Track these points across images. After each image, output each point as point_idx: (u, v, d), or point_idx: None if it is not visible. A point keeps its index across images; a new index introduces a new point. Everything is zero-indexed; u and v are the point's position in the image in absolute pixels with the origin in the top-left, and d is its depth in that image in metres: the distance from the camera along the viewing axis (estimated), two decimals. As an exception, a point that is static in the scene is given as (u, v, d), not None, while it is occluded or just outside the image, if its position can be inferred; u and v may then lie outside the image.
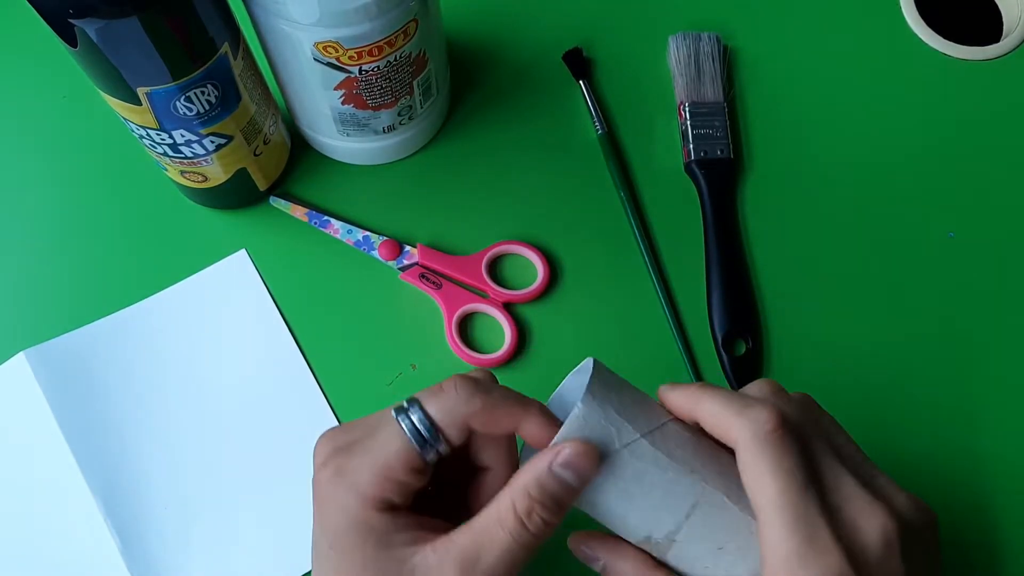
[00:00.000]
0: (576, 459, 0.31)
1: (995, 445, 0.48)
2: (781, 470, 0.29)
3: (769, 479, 0.29)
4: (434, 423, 0.32)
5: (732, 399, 0.32)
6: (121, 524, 0.46)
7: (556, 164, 0.55)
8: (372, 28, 0.42)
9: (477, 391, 0.32)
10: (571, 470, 0.31)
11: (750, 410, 0.31)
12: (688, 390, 0.33)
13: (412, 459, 0.31)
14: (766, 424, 0.30)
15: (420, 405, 0.32)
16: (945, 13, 0.60)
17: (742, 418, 0.30)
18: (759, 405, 0.31)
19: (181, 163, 0.47)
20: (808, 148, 0.56)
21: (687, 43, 0.56)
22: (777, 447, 0.30)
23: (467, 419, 0.32)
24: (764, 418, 0.30)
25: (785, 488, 0.29)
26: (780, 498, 0.29)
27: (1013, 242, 0.53)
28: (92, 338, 0.50)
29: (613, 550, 0.34)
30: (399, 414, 0.32)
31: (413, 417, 0.32)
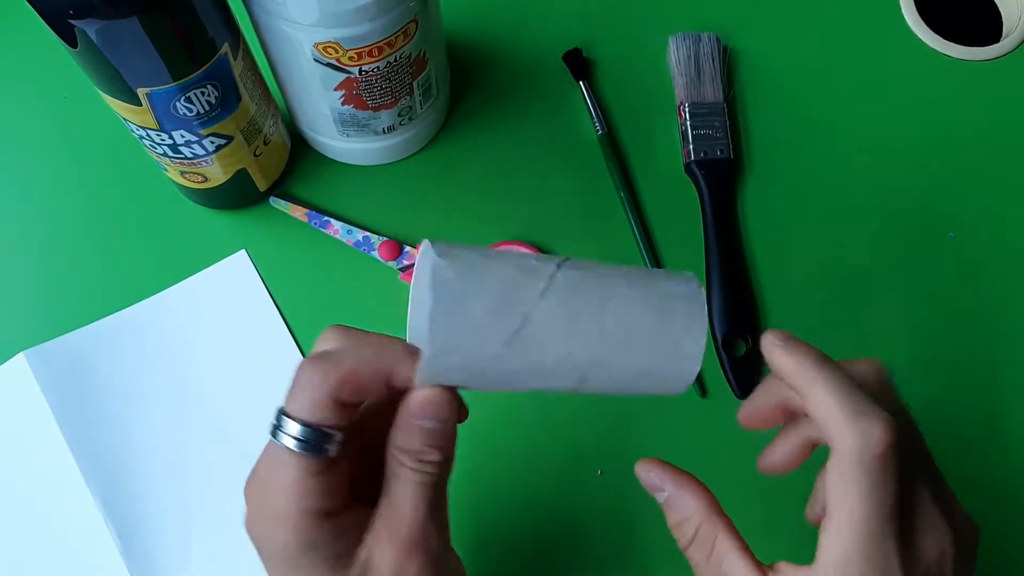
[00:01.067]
0: (424, 409, 0.30)
1: (996, 445, 0.48)
2: (875, 497, 0.28)
3: (858, 500, 0.28)
4: (308, 423, 0.30)
5: (849, 398, 0.29)
6: (121, 524, 0.46)
7: (556, 164, 0.55)
8: (372, 29, 0.42)
9: (327, 367, 0.30)
10: (427, 419, 0.30)
11: (865, 421, 0.28)
12: (804, 363, 0.30)
13: (312, 464, 0.30)
14: (878, 445, 0.28)
15: (285, 413, 0.30)
16: (945, 13, 0.60)
17: (855, 428, 0.28)
18: (875, 417, 0.28)
19: (181, 163, 0.47)
20: (808, 148, 0.56)
21: (687, 43, 0.56)
22: (881, 473, 0.28)
23: (334, 399, 0.29)
24: (878, 437, 0.28)
25: (873, 515, 0.28)
26: (861, 519, 0.28)
27: (1013, 242, 0.53)
28: (92, 338, 0.50)
29: (679, 483, 0.33)
30: (275, 435, 0.30)
31: (287, 429, 0.30)
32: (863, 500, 0.28)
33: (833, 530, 0.28)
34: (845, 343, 0.51)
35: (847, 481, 0.28)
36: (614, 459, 0.47)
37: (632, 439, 0.48)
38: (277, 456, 0.30)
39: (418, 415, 0.30)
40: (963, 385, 0.50)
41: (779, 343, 0.32)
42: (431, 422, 0.30)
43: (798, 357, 0.31)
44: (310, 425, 0.30)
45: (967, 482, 0.48)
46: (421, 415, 0.30)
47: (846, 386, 0.29)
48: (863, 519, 0.28)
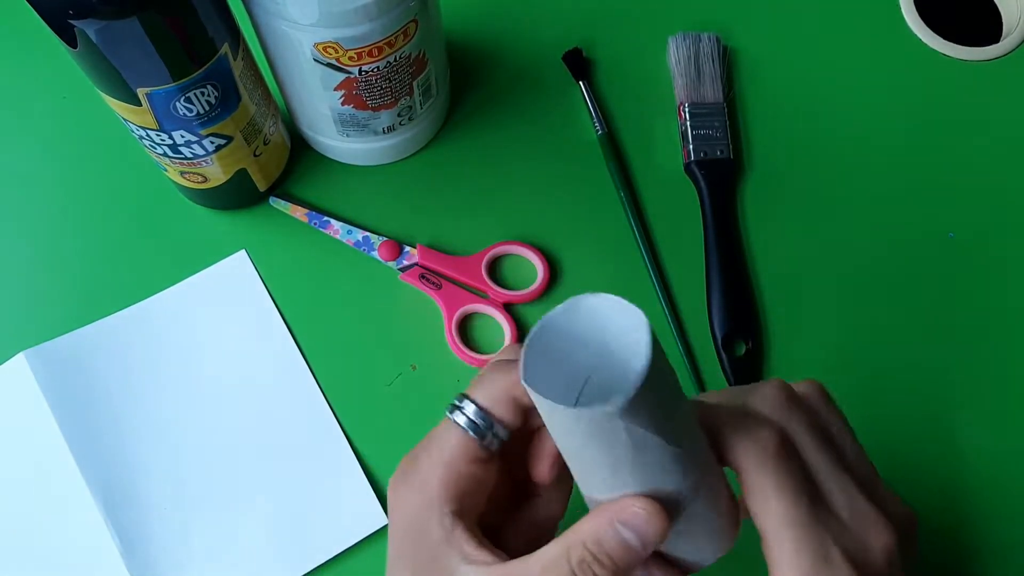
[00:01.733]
0: (640, 519, 0.27)
1: (996, 445, 0.48)
2: (787, 490, 0.29)
3: (775, 501, 0.29)
4: (484, 408, 0.32)
5: (733, 419, 0.30)
6: (121, 524, 0.46)
7: (556, 164, 0.55)
8: (372, 29, 0.42)
9: (512, 367, 0.32)
10: (634, 531, 0.28)
11: (752, 432, 0.29)
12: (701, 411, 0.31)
13: (472, 449, 0.32)
14: (768, 447, 0.29)
15: (467, 396, 0.33)
16: (945, 13, 0.60)
17: (745, 441, 0.29)
18: (760, 426, 0.29)
19: (181, 164, 0.47)
20: (808, 148, 0.56)
21: (687, 43, 0.56)
22: (780, 469, 0.29)
23: (512, 395, 0.32)
24: (765, 440, 0.29)
25: (792, 507, 0.28)
26: (787, 517, 0.28)
27: (1013, 242, 0.53)
28: (92, 338, 0.50)
29: None
30: (451, 412, 0.33)
31: (465, 409, 0.32)
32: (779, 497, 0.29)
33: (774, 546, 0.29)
34: (845, 343, 0.51)
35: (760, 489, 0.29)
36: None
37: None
38: (446, 426, 0.32)
39: (627, 521, 0.28)
40: (963, 385, 0.50)
41: None
42: (635, 537, 0.28)
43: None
44: (484, 410, 0.32)
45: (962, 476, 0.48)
46: (629, 523, 0.28)
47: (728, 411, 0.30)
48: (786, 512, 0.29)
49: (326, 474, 0.47)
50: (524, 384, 0.26)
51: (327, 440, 0.48)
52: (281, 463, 0.48)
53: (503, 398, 0.32)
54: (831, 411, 0.32)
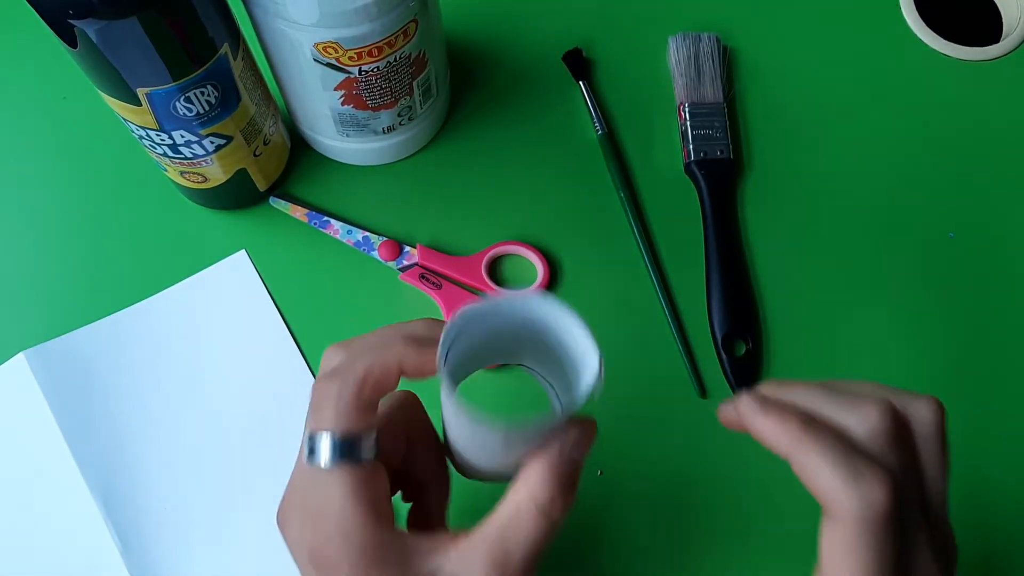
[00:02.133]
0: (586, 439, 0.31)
1: (996, 445, 0.48)
2: (877, 562, 0.27)
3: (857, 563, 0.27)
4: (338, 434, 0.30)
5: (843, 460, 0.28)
6: (121, 524, 0.46)
7: (556, 164, 0.55)
8: (372, 29, 0.42)
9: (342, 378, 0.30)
10: (582, 447, 0.31)
11: (864, 483, 0.27)
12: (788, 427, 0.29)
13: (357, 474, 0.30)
14: (879, 507, 0.27)
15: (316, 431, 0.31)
16: (945, 13, 0.60)
17: (853, 493, 0.27)
18: (874, 477, 0.27)
19: (181, 164, 0.47)
20: (808, 148, 0.56)
21: (687, 43, 0.56)
22: (882, 536, 0.27)
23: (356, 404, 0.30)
24: (878, 499, 0.27)
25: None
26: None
27: (1013, 242, 0.53)
28: (92, 338, 0.50)
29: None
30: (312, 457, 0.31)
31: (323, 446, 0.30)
32: (864, 566, 0.27)
33: None
34: (845, 343, 0.51)
35: (847, 545, 0.27)
36: (614, 459, 0.47)
37: (631, 440, 0.48)
38: (319, 481, 0.30)
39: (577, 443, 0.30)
40: (963, 385, 0.50)
41: (757, 407, 0.30)
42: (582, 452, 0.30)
43: (781, 422, 0.29)
44: (340, 436, 0.30)
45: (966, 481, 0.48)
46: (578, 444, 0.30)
47: (838, 448, 0.28)
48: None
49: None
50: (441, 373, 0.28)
51: (327, 440, 0.48)
52: (281, 463, 0.48)
53: (346, 410, 0.30)
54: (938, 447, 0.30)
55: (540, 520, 0.30)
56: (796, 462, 0.29)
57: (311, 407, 0.31)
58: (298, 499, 0.32)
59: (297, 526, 0.31)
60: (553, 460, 0.30)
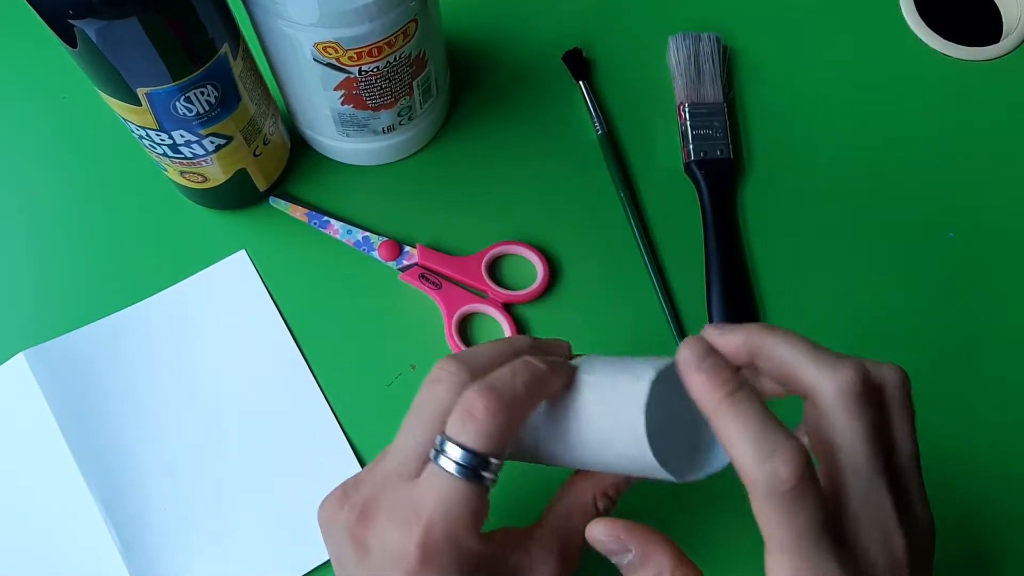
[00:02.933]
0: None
1: (996, 445, 0.48)
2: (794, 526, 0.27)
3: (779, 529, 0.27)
4: (477, 453, 0.31)
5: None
6: (121, 524, 0.46)
7: (556, 164, 0.55)
8: (372, 29, 0.42)
9: (504, 403, 0.31)
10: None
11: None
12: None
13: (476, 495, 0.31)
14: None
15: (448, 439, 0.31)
16: (945, 13, 0.60)
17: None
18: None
19: (181, 163, 0.47)
20: (808, 148, 0.56)
21: (687, 43, 0.56)
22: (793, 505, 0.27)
23: (509, 430, 0.31)
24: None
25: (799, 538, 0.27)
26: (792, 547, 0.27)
27: (1013, 242, 0.53)
28: (92, 338, 0.50)
29: (646, 541, 0.32)
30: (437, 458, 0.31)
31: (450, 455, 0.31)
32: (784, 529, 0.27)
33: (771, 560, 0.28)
34: (844, 343, 0.50)
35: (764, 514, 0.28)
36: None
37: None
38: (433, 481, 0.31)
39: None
40: (963, 385, 0.50)
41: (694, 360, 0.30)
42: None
43: (710, 382, 0.29)
44: (478, 453, 0.30)
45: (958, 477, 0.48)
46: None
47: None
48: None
49: (326, 474, 0.47)
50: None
51: (327, 440, 0.48)
52: (281, 463, 0.48)
53: (498, 438, 0.30)
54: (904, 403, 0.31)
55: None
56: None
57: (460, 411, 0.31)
58: (389, 496, 0.32)
59: (393, 525, 0.31)
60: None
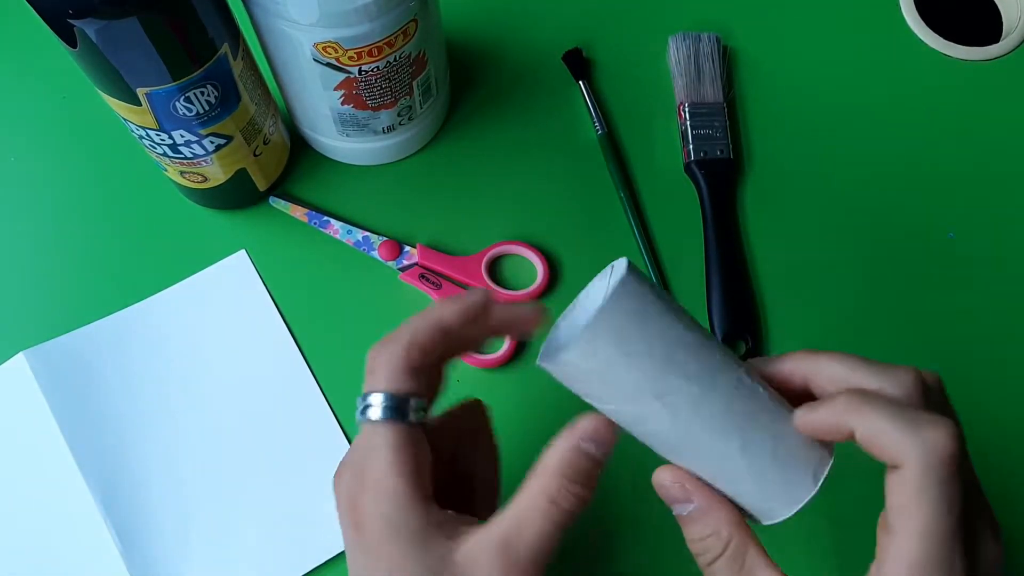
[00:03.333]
0: (600, 432, 0.32)
1: (995, 444, 0.48)
2: (945, 502, 0.28)
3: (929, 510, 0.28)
4: (388, 392, 0.32)
5: (902, 412, 0.29)
6: (121, 524, 0.46)
7: (556, 164, 0.55)
8: (372, 29, 0.42)
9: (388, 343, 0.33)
10: (595, 442, 0.31)
11: (925, 429, 0.28)
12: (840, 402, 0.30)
13: (403, 432, 0.32)
14: (943, 450, 0.28)
15: (368, 392, 0.33)
16: (945, 13, 0.60)
17: (915, 438, 0.28)
18: (934, 424, 0.28)
19: (181, 163, 0.47)
20: (808, 148, 0.56)
21: (687, 43, 0.56)
22: (950, 481, 0.28)
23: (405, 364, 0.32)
24: (942, 443, 0.28)
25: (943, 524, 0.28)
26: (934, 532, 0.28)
27: (1013, 242, 0.53)
28: (92, 338, 0.50)
29: (709, 496, 0.32)
30: (364, 413, 0.33)
31: (374, 402, 0.32)
32: (934, 510, 0.28)
33: (903, 538, 0.28)
34: (844, 343, 0.50)
35: (916, 492, 0.28)
36: (614, 458, 0.47)
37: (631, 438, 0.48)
38: (367, 434, 0.32)
39: (587, 436, 0.31)
40: (963, 385, 0.50)
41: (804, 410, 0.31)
42: (595, 447, 0.32)
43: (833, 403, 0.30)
44: (390, 393, 0.32)
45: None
46: (589, 436, 0.31)
47: (893, 405, 0.29)
48: (933, 528, 0.28)
49: (326, 474, 0.47)
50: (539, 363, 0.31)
51: (327, 440, 0.48)
52: (281, 463, 0.48)
53: (398, 371, 0.32)
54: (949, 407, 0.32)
55: (551, 512, 0.31)
56: (855, 429, 0.29)
57: (366, 372, 0.33)
58: (349, 456, 0.33)
59: (345, 479, 0.33)
60: (565, 451, 0.31)
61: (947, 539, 0.28)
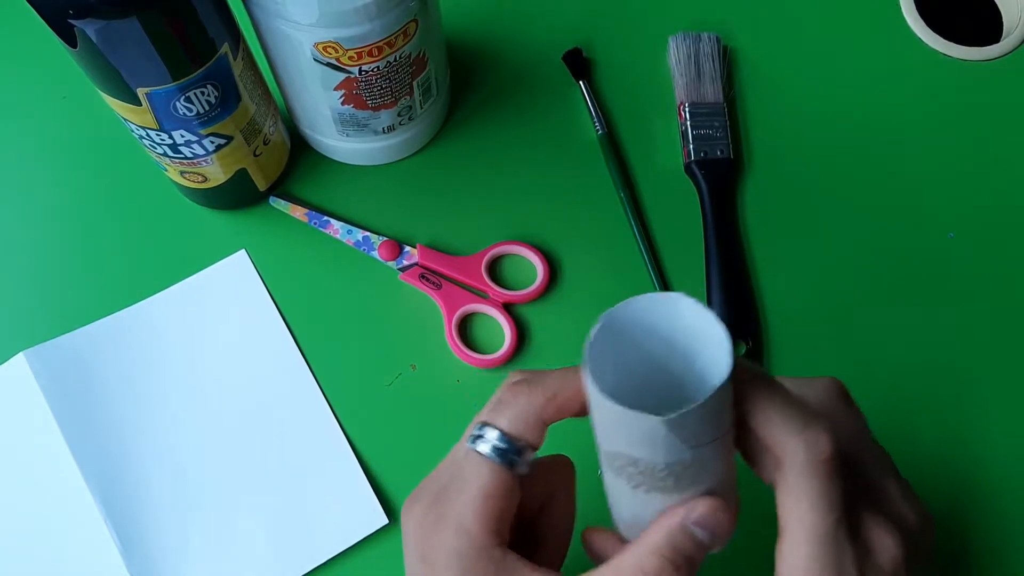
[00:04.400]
0: (712, 517, 0.29)
1: (994, 444, 0.48)
2: (825, 501, 0.28)
3: (807, 507, 0.28)
4: (510, 435, 0.31)
5: (793, 411, 0.29)
6: (121, 524, 0.46)
7: (556, 164, 0.55)
8: (372, 29, 0.42)
9: (533, 388, 0.31)
10: (706, 529, 0.29)
11: (809, 431, 0.29)
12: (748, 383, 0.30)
13: (503, 478, 0.31)
14: (822, 452, 0.28)
15: (488, 424, 0.31)
16: (945, 13, 0.60)
17: (799, 438, 0.29)
18: (818, 427, 0.29)
19: (181, 163, 0.47)
20: (808, 148, 0.56)
21: (687, 43, 0.56)
22: (828, 478, 0.28)
23: (539, 417, 0.31)
24: (822, 445, 0.28)
25: (825, 519, 0.28)
26: (817, 528, 0.28)
27: (1013, 242, 0.53)
28: (92, 338, 0.50)
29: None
30: (474, 442, 0.31)
31: (490, 437, 0.31)
32: (814, 505, 0.28)
33: (789, 541, 0.29)
34: (844, 343, 0.51)
35: (797, 489, 0.28)
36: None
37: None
38: (465, 464, 0.31)
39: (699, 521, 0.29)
40: (963, 384, 0.50)
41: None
42: (707, 533, 0.29)
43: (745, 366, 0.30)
44: (511, 437, 0.31)
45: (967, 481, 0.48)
46: (701, 522, 0.29)
47: (790, 402, 0.29)
48: (816, 524, 0.28)
49: (326, 474, 0.47)
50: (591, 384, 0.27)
51: (327, 440, 0.48)
52: (281, 463, 0.48)
53: (530, 423, 0.31)
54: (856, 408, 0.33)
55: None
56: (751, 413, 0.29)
57: (495, 401, 0.32)
58: (432, 480, 0.32)
59: (419, 509, 0.31)
60: (673, 529, 0.29)
61: (831, 537, 0.28)
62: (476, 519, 0.30)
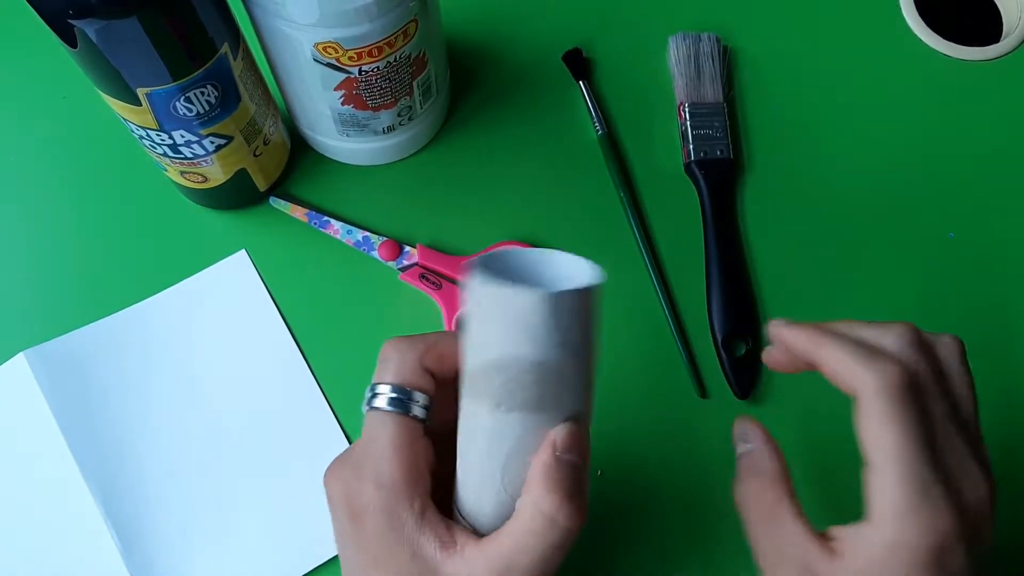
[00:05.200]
0: (572, 438, 0.31)
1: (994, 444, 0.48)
2: (902, 425, 0.30)
3: (889, 431, 0.30)
4: (399, 384, 0.32)
5: (860, 347, 0.31)
6: (121, 524, 0.46)
7: (556, 164, 0.55)
8: (372, 29, 0.42)
9: (411, 341, 0.33)
10: (575, 452, 0.31)
11: (878, 362, 0.31)
12: (809, 332, 0.33)
13: (406, 427, 0.32)
14: (893, 379, 0.30)
15: (379, 383, 0.33)
16: (945, 13, 0.60)
17: (869, 370, 0.30)
18: (887, 359, 0.31)
19: (181, 164, 0.47)
20: (808, 148, 0.56)
21: (687, 43, 0.56)
22: (900, 403, 0.30)
23: (419, 362, 0.33)
24: (892, 373, 0.30)
25: (903, 442, 0.29)
26: (898, 451, 0.29)
27: (1013, 242, 0.53)
28: (92, 338, 0.50)
29: (766, 441, 0.34)
30: (371, 402, 0.33)
31: (382, 391, 0.33)
32: (893, 429, 0.30)
33: (879, 472, 0.30)
34: (845, 343, 0.51)
35: (876, 416, 0.30)
36: (614, 459, 0.47)
37: (631, 439, 0.48)
38: (370, 425, 0.33)
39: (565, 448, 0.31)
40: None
41: (782, 323, 0.35)
42: (576, 455, 0.31)
43: (804, 330, 0.34)
44: (399, 386, 0.32)
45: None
46: (567, 448, 0.31)
47: (852, 341, 0.32)
48: (903, 451, 0.29)
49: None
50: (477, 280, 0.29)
51: (327, 440, 0.48)
52: (281, 462, 0.48)
53: (411, 367, 0.33)
54: (962, 367, 0.33)
55: (549, 531, 0.30)
56: (819, 359, 0.32)
57: (379, 364, 0.33)
58: (347, 451, 0.34)
59: (340, 471, 0.33)
60: (549, 464, 0.30)
61: (919, 457, 0.30)
62: (391, 470, 0.31)
